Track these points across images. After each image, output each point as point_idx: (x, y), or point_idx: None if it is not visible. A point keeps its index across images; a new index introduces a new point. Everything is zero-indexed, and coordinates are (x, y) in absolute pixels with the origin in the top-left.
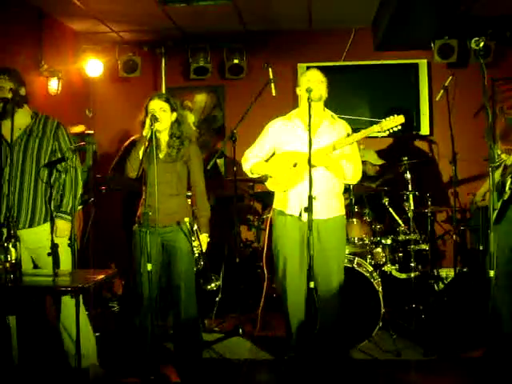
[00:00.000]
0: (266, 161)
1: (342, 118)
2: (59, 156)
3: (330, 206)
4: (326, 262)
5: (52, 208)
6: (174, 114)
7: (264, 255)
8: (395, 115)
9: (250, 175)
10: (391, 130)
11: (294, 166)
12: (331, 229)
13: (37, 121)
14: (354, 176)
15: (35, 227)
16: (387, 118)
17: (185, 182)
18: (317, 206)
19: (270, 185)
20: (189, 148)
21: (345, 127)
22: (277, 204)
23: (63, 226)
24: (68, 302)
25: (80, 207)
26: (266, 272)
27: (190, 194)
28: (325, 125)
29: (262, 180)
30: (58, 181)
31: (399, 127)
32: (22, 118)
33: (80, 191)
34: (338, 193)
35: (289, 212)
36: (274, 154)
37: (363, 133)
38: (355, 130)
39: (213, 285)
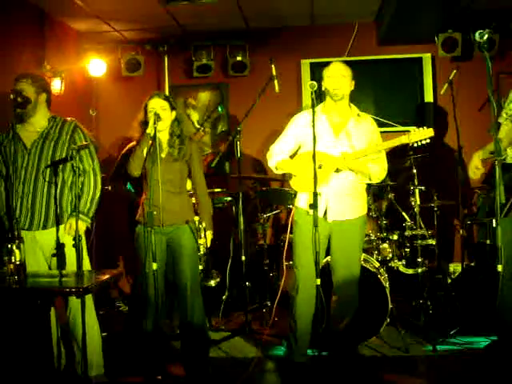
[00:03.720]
0: (292, 157)
1: None
2: (77, 158)
3: (356, 207)
4: (349, 260)
5: (64, 209)
6: (174, 113)
7: (284, 253)
8: (425, 127)
9: (276, 171)
10: (419, 143)
11: (319, 167)
12: (355, 229)
13: (54, 124)
14: (378, 177)
15: (49, 229)
16: (416, 130)
17: (186, 181)
18: (341, 206)
19: (293, 184)
20: (189, 146)
21: (371, 126)
22: (300, 203)
23: (79, 225)
24: (75, 304)
25: None
26: (285, 270)
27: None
28: (350, 125)
29: (286, 178)
30: (76, 183)
31: (428, 140)
32: (40, 121)
33: (98, 194)
34: (362, 192)
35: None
36: (299, 147)
37: (391, 143)
38: None
39: (212, 282)
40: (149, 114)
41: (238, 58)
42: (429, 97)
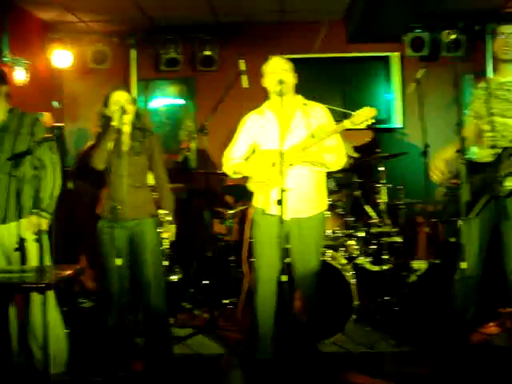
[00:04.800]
0: (247, 159)
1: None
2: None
3: (313, 204)
4: (306, 259)
5: (23, 204)
6: (135, 107)
7: (244, 251)
8: (366, 108)
9: (233, 176)
10: (363, 124)
11: (273, 165)
12: (313, 226)
13: (13, 117)
14: (335, 165)
15: (9, 223)
16: (357, 112)
17: (146, 175)
18: (297, 203)
19: (250, 186)
20: (150, 140)
21: (321, 112)
22: (257, 203)
23: (38, 221)
24: (37, 301)
25: None
26: (246, 268)
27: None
28: (298, 116)
29: (244, 180)
30: (36, 177)
31: (372, 120)
32: None
33: (58, 189)
34: (320, 188)
35: (271, 212)
36: (253, 150)
37: (334, 130)
38: None
39: (175, 277)
40: (113, 106)
41: (207, 53)
42: (397, 95)
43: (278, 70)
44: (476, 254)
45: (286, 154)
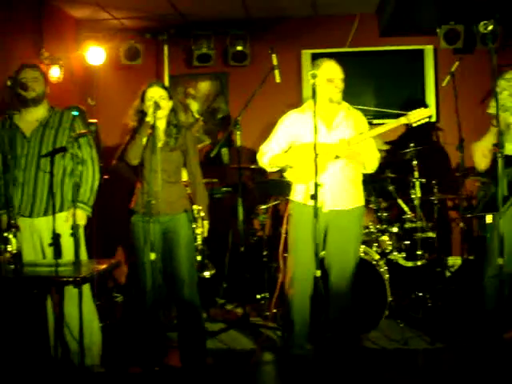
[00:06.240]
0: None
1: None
2: (76, 147)
3: (352, 197)
4: (344, 252)
5: (65, 197)
6: (171, 102)
7: (281, 246)
8: (422, 108)
9: (269, 169)
10: (418, 123)
11: (316, 157)
12: (352, 219)
13: (53, 114)
14: (372, 166)
15: (49, 216)
16: (414, 111)
17: (180, 170)
18: (337, 195)
19: (290, 176)
20: (185, 136)
21: (361, 118)
22: (296, 195)
23: (80, 214)
24: (73, 294)
25: None
26: (281, 263)
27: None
28: (341, 116)
29: (281, 172)
30: (74, 172)
31: (427, 119)
32: (40, 112)
33: (97, 183)
34: (359, 182)
35: (310, 203)
36: (290, 147)
37: (390, 124)
38: None
39: (207, 273)
40: (148, 102)
41: (239, 48)
42: (430, 89)
43: (336, 80)
44: (510, 250)
45: (333, 146)
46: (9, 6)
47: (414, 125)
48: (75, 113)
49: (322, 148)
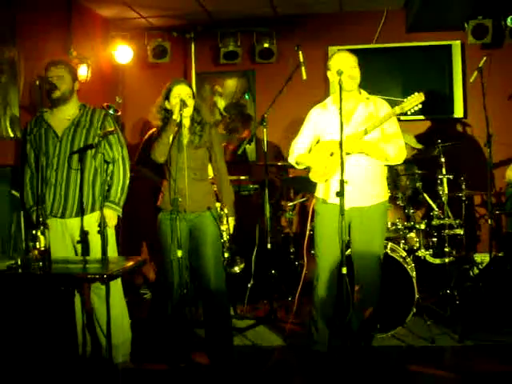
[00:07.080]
0: (310, 150)
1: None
2: (107, 146)
3: (374, 193)
4: (368, 250)
5: (97, 197)
6: (194, 101)
7: (305, 242)
8: (415, 93)
9: (297, 167)
10: (413, 110)
11: (331, 155)
12: (375, 216)
13: (84, 112)
14: (396, 156)
15: (79, 216)
16: (407, 98)
17: (207, 167)
18: (356, 193)
19: (312, 176)
20: (210, 133)
21: (381, 105)
22: (319, 193)
23: (111, 214)
24: (102, 291)
25: None
26: (305, 259)
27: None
28: (360, 109)
29: (306, 172)
30: (105, 171)
31: (420, 106)
32: (71, 109)
33: (128, 182)
34: (379, 178)
35: (331, 201)
36: (318, 140)
37: (386, 116)
38: None
39: (236, 268)
40: (174, 100)
41: (265, 45)
42: (458, 85)
43: (344, 67)
44: None
45: (344, 143)
46: (38, 5)
47: (409, 112)
48: (112, 111)
49: (337, 145)
